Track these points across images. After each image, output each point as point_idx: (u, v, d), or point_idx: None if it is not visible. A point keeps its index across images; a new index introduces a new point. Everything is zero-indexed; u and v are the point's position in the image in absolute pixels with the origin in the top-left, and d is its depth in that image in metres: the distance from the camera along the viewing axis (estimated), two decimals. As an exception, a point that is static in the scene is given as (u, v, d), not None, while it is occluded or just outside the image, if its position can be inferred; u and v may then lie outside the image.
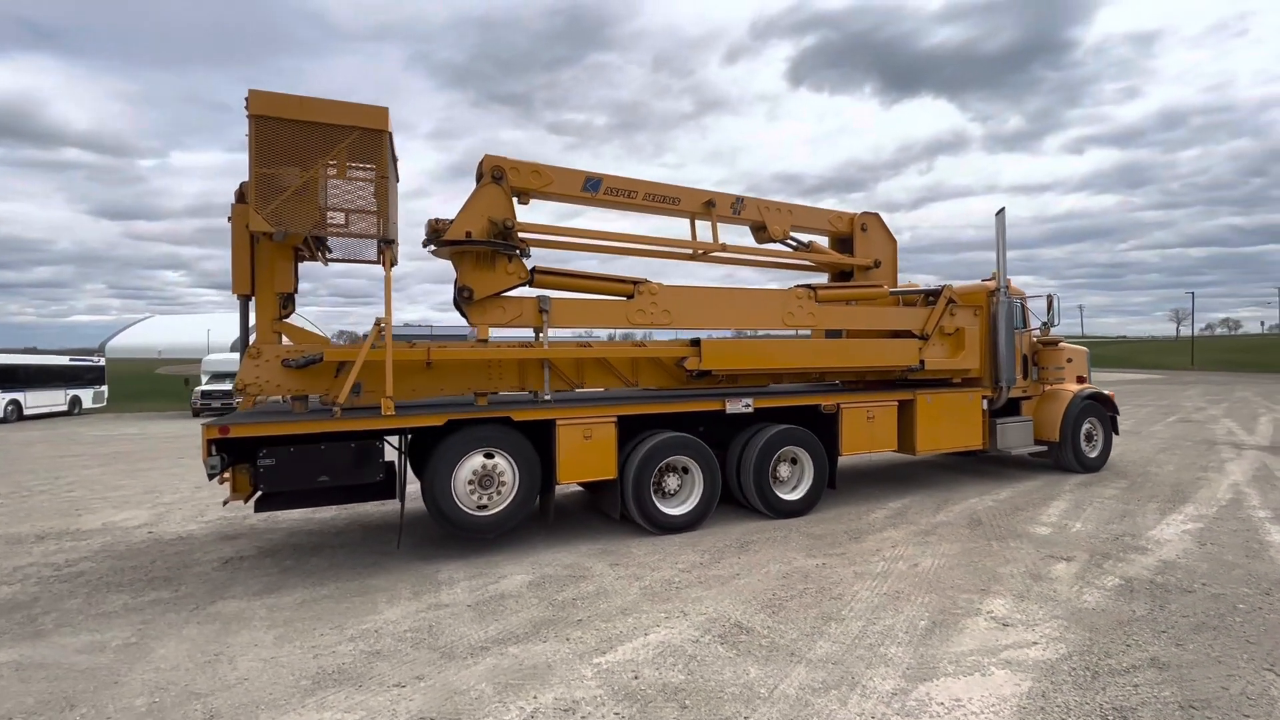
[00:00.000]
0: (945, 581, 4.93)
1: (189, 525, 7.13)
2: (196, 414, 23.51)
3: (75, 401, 25.09)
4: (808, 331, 8.35)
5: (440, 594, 4.87)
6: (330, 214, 5.37)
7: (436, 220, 6.22)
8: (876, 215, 8.71)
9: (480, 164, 6.40)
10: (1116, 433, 9.61)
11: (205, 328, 65.36)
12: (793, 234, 8.20)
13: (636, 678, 3.54)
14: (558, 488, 6.20)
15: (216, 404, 23.35)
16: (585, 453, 6.02)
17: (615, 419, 6.16)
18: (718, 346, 7.03)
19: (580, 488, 7.58)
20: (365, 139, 5.35)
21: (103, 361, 27.81)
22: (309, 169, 5.18)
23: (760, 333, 8.51)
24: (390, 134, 5.46)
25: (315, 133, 5.20)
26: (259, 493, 5.51)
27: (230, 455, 5.04)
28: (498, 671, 3.64)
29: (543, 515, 6.07)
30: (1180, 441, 12.20)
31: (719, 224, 7.52)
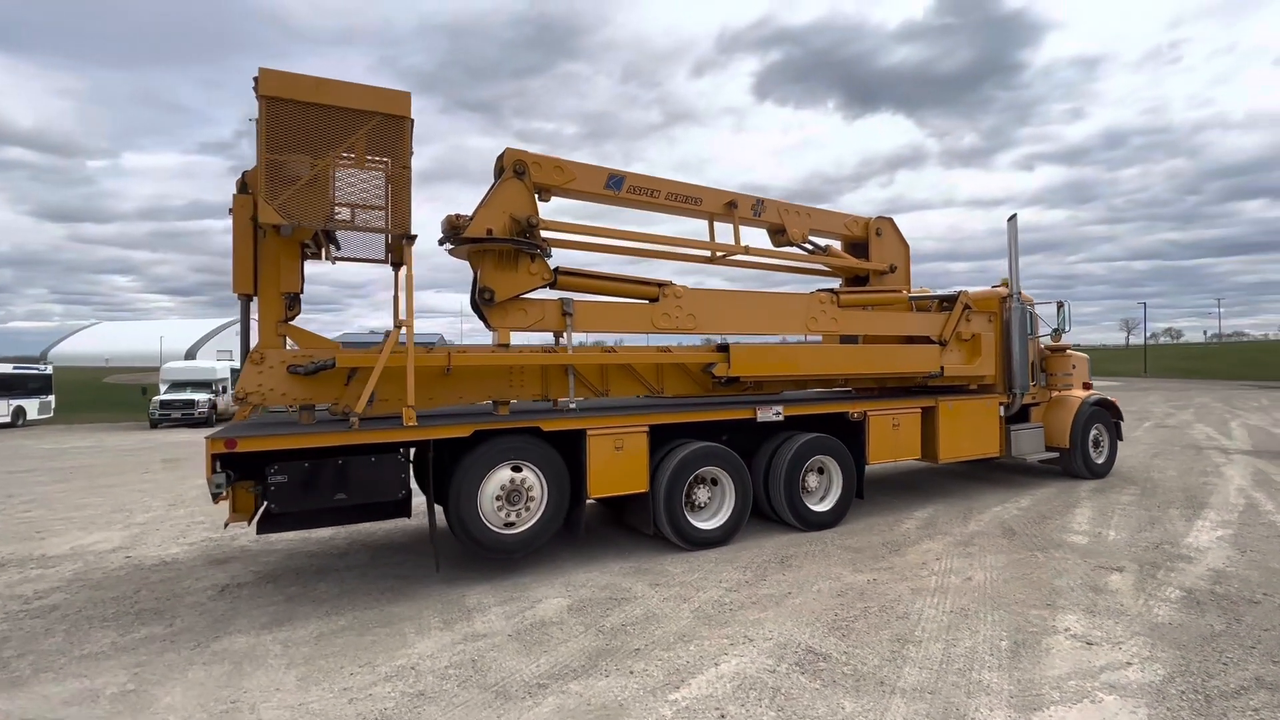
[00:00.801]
0: (1006, 596, 4.72)
1: (170, 548, 6.49)
2: (154, 425, 22.22)
3: (19, 412, 23.41)
4: (818, 336, 8.19)
5: (474, 622, 4.44)
6: (345, 207, 4.93)
7: (456, 216, 5.80)
8: (890, 220, 8.60)
9: (500, 158, 6.02)
10: (1120, 439, 9.69)
11: (157, 334, 62.60)
12: (810, 238, 8.04)
13: (724, 716, 3.20)
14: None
15: (177, 414, 22.13)
16: (616, 465, 5.66)
17: (647, 429, 5.82)
18: (747, 352, 6.76)
19: (594, 501, 7.20)
20: (386, 126, 4.93)
21: (50, 369, 26.08)
22: (324, 157, 4.73)
23: (770, 338, 8.28)
24: (412, 121, 5.04)
25: (331, 118, 4.75)
26: (261, 512, 5.02)
27: (236, 472, 4.53)
28: (565, 714, 3.26)
29: (572, 532, 5.65)
30: (1168, 447, 12.44)
31: (733, 226, 7.27)
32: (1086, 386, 9.63)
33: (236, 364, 29.54)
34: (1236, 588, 4.83)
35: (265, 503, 4.77)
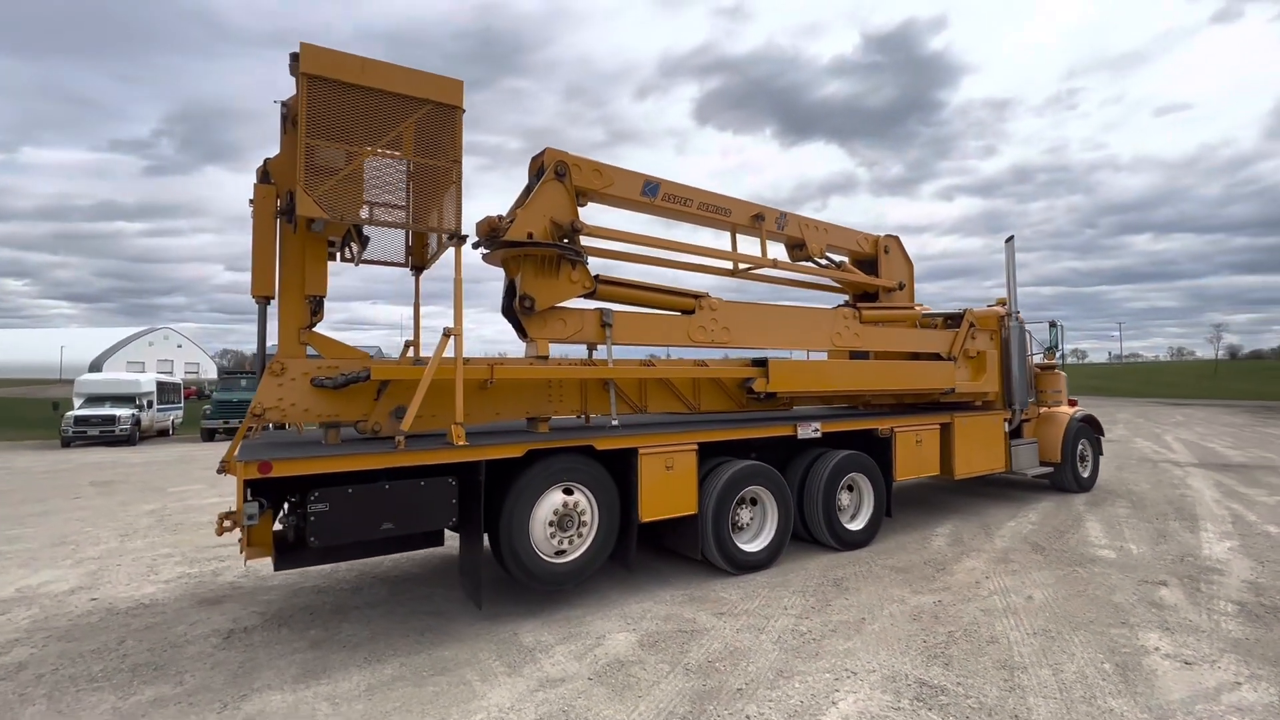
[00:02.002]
0: (1077, 615, 4.68)
1: (143, 587, 5.64)
2: (67, 444, 19.99)
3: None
4: (823, 353, 8.16)
5: (541, 665, 3.99)
6: (385, 205, 4.45)
7: (497, 217, 5.37)
8: (897, 238, 8.71)
9: (539, 158, 5.65)
10: (1101, 453, 10.13)
11: (57, 344, 57.00)
12: (826, 253, 8.02)
13: (876, 764, 2.93)
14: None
15: (94, 432, 20.00)
16: (667, 486, 5.33)
17: (696, 446, 5.53)
18: (785, 368, 6.60)
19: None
20: (436, 115, 4.50)
21: (-64, 381, 23.10)
22: (370, 146, 4.25)
23: (793, 353, 8.18)
24: (464, 111, 4.62)
25: (379, 103, 4.29)
26: (281, 544, 4.40)
27: (268, 499, 3.92)
28: (701, 770, 2.90)
29: (623, 562, 5.22)
30: (1125, 461, 13.16)
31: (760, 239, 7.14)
32: (1071, 403, 10.04)
33: (170, 375, 27.27)
34: (1273, 600, 4.98)
35: (290, 535, 4.17)
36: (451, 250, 4.61)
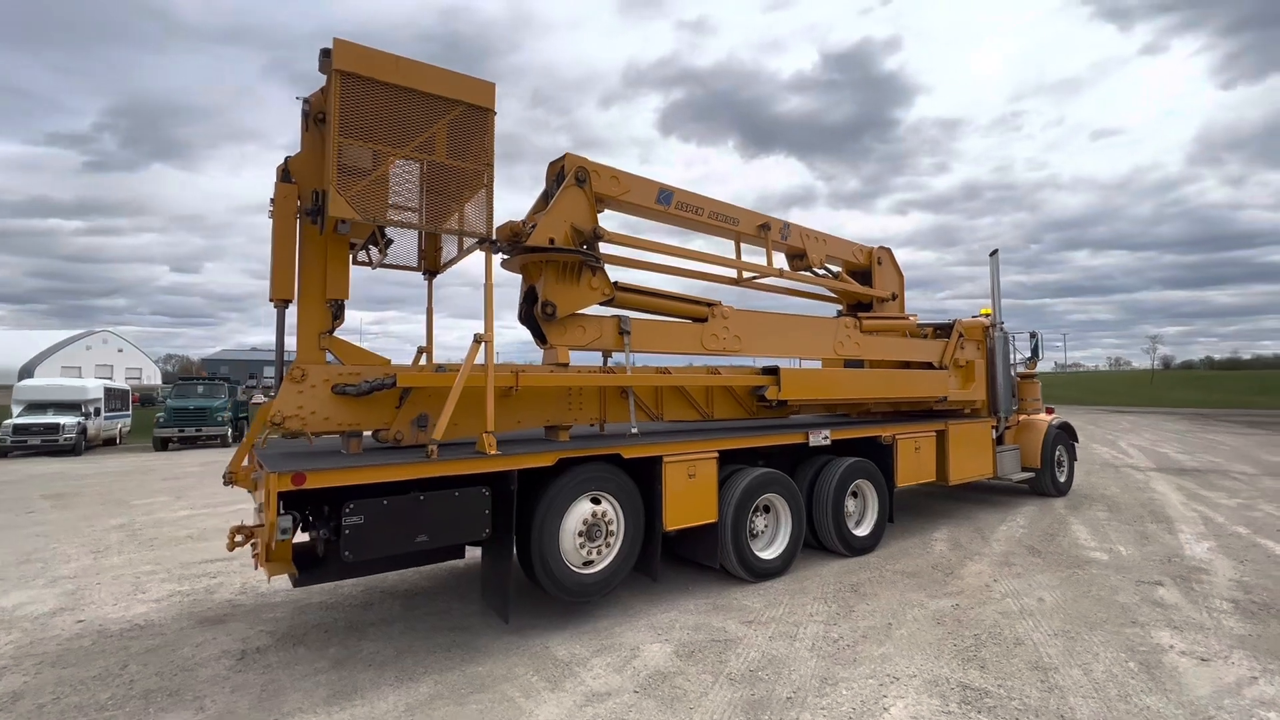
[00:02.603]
0: (1089, 616, 4.86)
1: (133, 607, 5.30)
2: (4, 454, 18.68)
3: None
4: (817, 361, 8.31)
5: (582, 678, 3.91)
6: (417, 206, 4.32)
7: (520, 222, 5.29)
8: (889, 250, 8.94)
9: (558, 164, 5.60)
10: (1075, 459, 10.57)
11: (-18, 347, 53.34)
12: (825, 264, 8.17)
13: (944, 769, 2.96)
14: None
15: (35, 440, 18.77)
16: (690, 494, 5.31)
17: (717, 454, 5.53)
18: (795, 376, 6.67)
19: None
20: (469, 117, 4.41)
21: None
22: (402, 145, 4.13)
23: (794, 360, 8.29)
24: (495, 114, 4.54)
25: (411, 102, 4.17)
26: (302, 559, 4.21)
27: (301, 513, 3.74)
28: (774, 781, 2.88)
29: (648, 573, 5.15)
30: (1091, 467, 13.75)
31: (751, 249, 7.22)
32: (1048, 411, 10.46)
33: (114, 382, 25.74)
34: (1266, 598, 5.27)
35: (319, 549, 3.98)
36: (460, 255, 4.51)
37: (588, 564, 4.75)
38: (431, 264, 5.79)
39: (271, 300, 4.46)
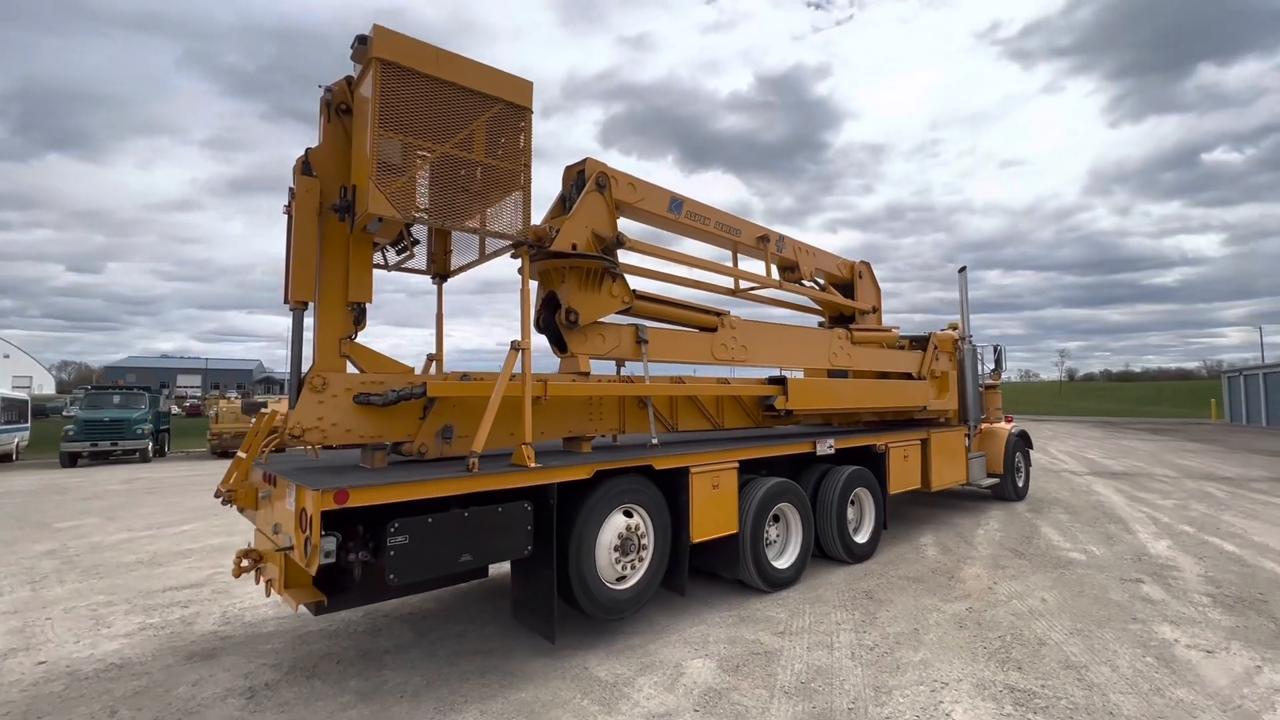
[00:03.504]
0: (1093, 614, 5.12)
1: (100, 644, 4.72)
2: (-122, 472, 16.45)
3: None
4: (789, 371, 8.49)
5: (635, 699, 3.77)
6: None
7: (545, 226, 5.11)
8: (869, 264, 9.25)
9: (577, 168, 5.47)
10: (1030, 464, 11.22)
11: None
12: (814, 276, 8.36)
13: (1026, 772, 3.01)
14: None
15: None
16: (714, 505, 5.26)
17: (737, 464, 5.51)
18: (801, 386, 6.76)
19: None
20: (507, 116, 4.23)
21: None
22: (441, 141, 3.91)
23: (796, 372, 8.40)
24: (533, 113, 4.38)
25: (452, 97, 3.97)
26: (328, 583, 3.87)
27: (342, 534, 3.42)
28: (871, 796, 2.84)
29: (674, 585, 5.01)
30: (1033, 472, 14.64)
31: (748, 260, 7.31)
32: (1008, 419, 11.07)
33: (10, 391, 23.34)
34: (1235, 590, 5.72)
35: (356, 572, 3.66)
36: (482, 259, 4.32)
37: (620, 579, 4.61)
38: (441, 267, 5.52)
39: (288, 302, 4.11)
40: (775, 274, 7.58)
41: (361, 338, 4.37)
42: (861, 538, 6.89)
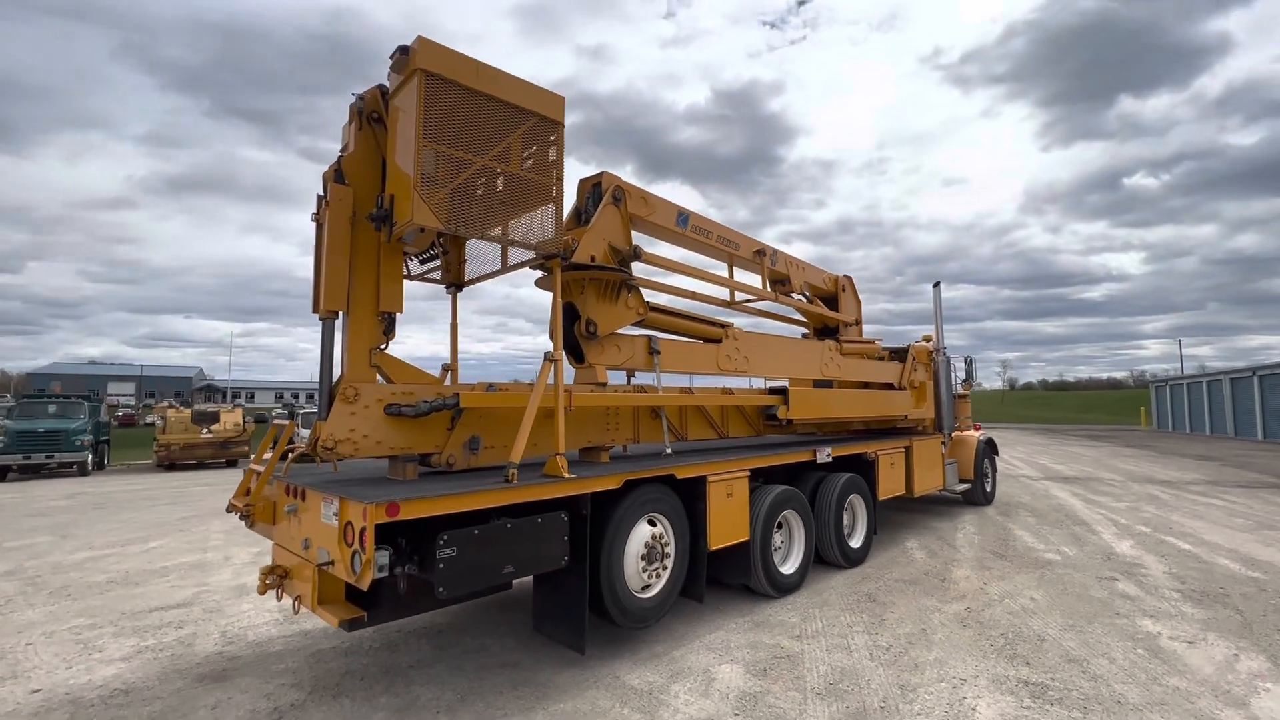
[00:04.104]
0: (1079, 611, 5.45)
1: (96, 669, 4.47)
2: None
3: None
4: (785, 381, 8.76)
5: (675, 706, 3.83)
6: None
7: (568, 238, 5.15)
8: (851, 278, 9.62)
9: (593, 181, 5.55)
10: (996, 470, 11.79)
11: None
12: (803, 289, 8.63)
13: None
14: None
15: None
16: (728, 513, 5.38)
17: (748, 473, 5.65)
18: (801, 396, 6.97)
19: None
20: (540, 129, 4.28)
21: None
22: (482, 153, 3.94)
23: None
24: (564, 128, 4.44)
25: (490, 110, 4.00)
26: (365, 597, 3.80)
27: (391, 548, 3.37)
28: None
29: (693, 594, 5.07)
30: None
31: (746, 273, 7.53)
32: (976, 427, 11.61)
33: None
34: (1198, 586, 6.19)
35: (401, 586, 3.59)
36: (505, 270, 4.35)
37: (645, 588, 4.67)
38: (456, 277, 5.48)
39: (318, 312, 4.02)
40: (768, 287, 7.83)
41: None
42: (856, 542, 7.13)
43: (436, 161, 3.83)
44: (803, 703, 3.85)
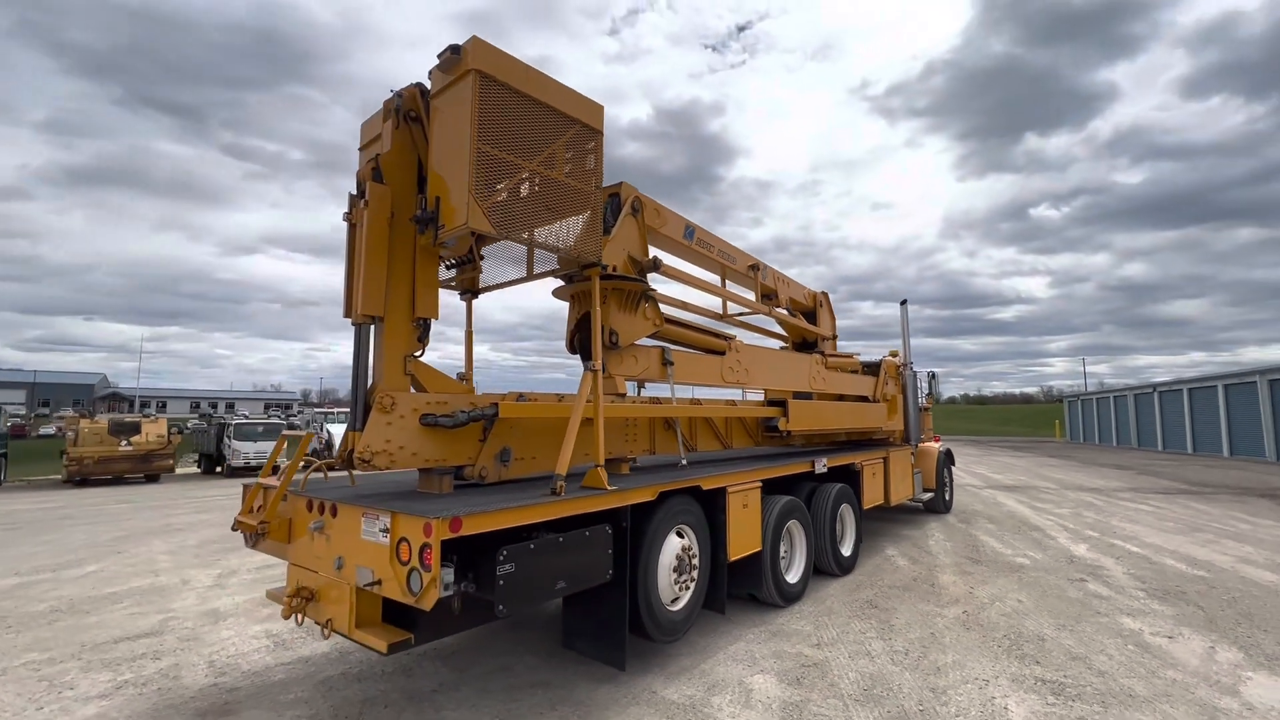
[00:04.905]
0: (1065, 611, 5.80)
1: (72, 708, 4.01)
2: None
3: None
4: (759, 392, 8.99)
5: (721, 719, 3.81)
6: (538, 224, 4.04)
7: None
8: (827, 294, 9.96)
9: (610, 191, 5.52)
10: (953, 479, 12.41)
11: None
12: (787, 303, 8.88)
13: (1098, 752, 3.40)
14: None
15: None
16: (745, 524, 5.42)
17: (760, 484, 5.72)
18: (800, 409, 7.13)
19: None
20: (582, 137, 4.25)
21: None
22: (530, 159, 3.86)
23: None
24: (603, 135, 4.42)
25: (537, 114, 3.94)
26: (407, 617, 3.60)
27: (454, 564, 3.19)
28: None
29: (715, 605, 5.04)
30: (940, 485, 16.16)
31: (739, 289, 7.70)
32: (935, 439, 12.20)
33: None
34: (1157, 585, 6.71)
35: (456, 605, 3.41)
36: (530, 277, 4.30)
37: (674, 601, 4.63)
38: (470, 284, 5.33)
39: (350, 317, 3.81)
40: (761, 300, 8.01)
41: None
42: (847, 551, 7.33)
43: (486, 164, 3.74)
44: (845, 710, 3.92)
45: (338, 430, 25.23)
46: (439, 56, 3.77)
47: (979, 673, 4.44)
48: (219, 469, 23.65)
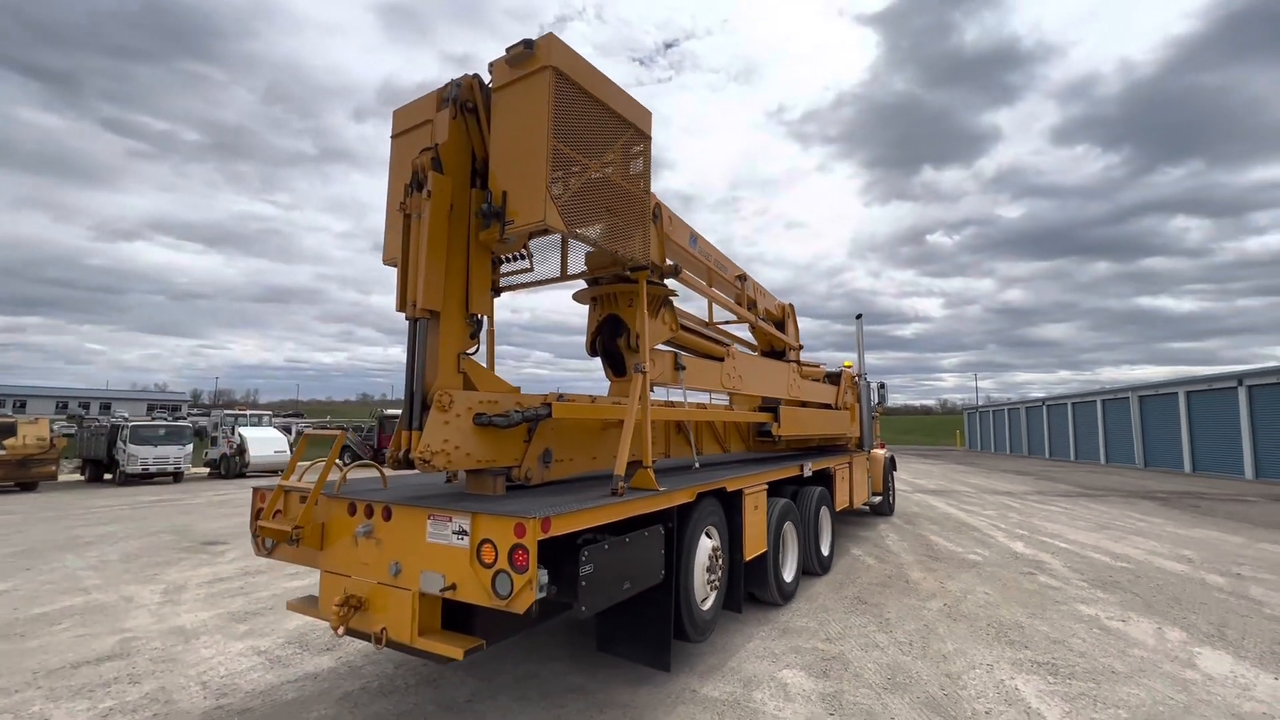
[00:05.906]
0: (1028, 601, 6.38)
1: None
2: None
3: None
4: (721, 397, 9.32)
5: (771, 712, 3.93)
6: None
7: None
8: (793, 305, 10.43)
9: (632, 195, 5.59)
10: (894, 484, 13.24)
11: None
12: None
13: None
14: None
15: None
16: (756, 525, 5.59)
17: (767, 486, 5.92)
18: (790, 415, 7.41)
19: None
20: (634, 141, 4.30)
21: None
22: (596, 159, 3.87)
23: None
24: (651, 140, 4.47)
25: (601, 116, 3.96)
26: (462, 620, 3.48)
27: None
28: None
29: (733, 604, 5.13)
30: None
31: (720, 299, 7.97)
32: (881, 445, 12.97)
33: None
34: (1094, 576, 7.50)
35: (534, 609, 3.31)
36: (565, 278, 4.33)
37: (704, 600, 4.71)
38: (493, 283, 5.19)
39: (405, 310, 3.65)
40: (748, 309, 8.27)
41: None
42: (825, 551, 7.68)
43: (560, 161, 3.71)
44: (878, 698, 4.14)
45: (252, 434, 23.38)
46: (508, 50, 3.72)
47: (981, 659, 4.82)
48: (108, 476, 21.31)
